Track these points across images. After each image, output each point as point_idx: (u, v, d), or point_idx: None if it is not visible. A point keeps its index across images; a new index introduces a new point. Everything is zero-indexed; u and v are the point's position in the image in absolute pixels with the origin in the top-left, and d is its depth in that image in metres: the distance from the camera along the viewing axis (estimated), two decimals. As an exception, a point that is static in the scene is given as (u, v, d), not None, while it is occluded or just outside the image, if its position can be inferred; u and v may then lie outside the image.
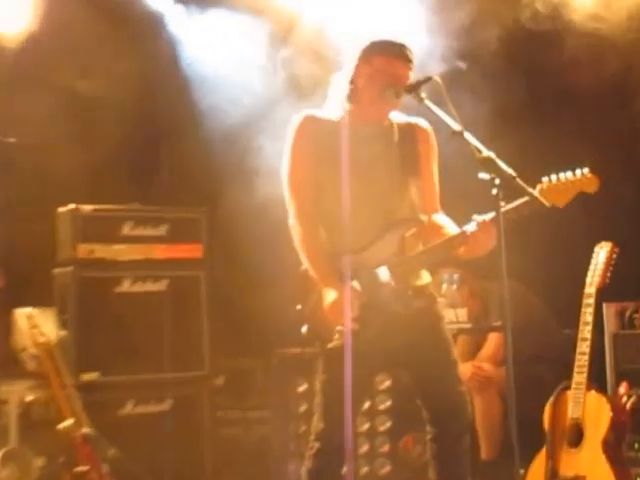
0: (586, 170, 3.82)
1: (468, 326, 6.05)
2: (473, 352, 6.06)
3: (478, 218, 3.93)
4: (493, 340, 5.95)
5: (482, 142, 3.68)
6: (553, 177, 3.84)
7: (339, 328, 4.03)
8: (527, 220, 3.89)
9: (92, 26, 6.35)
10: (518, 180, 3.61)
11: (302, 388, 6.35)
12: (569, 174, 3.83)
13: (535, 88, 5.34)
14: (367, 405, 6.11)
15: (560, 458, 4.55)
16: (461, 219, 4.13)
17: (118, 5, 6.46)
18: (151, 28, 6.68)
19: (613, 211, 4.09)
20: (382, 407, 6.28)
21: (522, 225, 3.87)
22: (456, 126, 3.76)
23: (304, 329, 4.22)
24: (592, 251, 4.62)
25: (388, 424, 6.25)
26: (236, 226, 6.36)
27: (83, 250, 6.16)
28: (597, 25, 4.93)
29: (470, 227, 3.99)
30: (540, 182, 3.81)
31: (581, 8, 5.00)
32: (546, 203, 3.78)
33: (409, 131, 4.34)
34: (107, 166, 6.42)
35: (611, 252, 4.60)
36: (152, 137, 6.60)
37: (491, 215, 3.75)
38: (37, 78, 6.24)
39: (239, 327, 6.46)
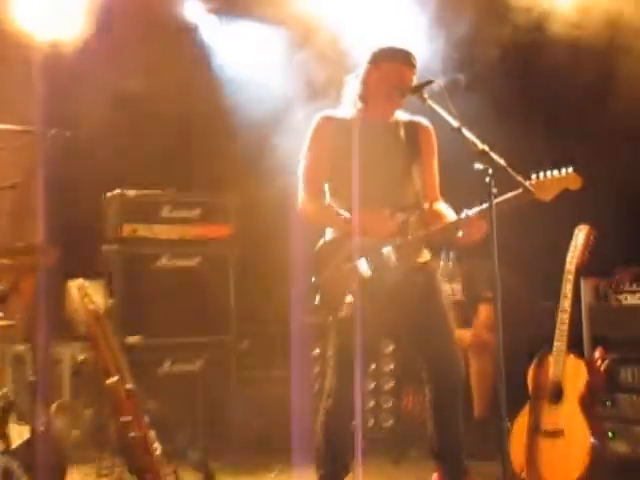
0: (570, 169, 3.87)
1: (462, 298, 6.11)
2: (467, 319, 6.09)
3: (468, 212, 3.99)
4: (483, 311, 5.99)
5: (478, 137, 3.74)
6: (541, 174, 3.89)
7: (348, 300, 4.11)
8: (515, 209, 3.95)
9: (136, 33, 6.36)
10: (509, 169, 3.67)
11: (316, 352, 6.40)
12: (555, 172, 3.88)
13: (523, 91, 5.34)
14: (373, 367, 6.19)
15: (542, 414, 4.57)
16: (458, 207, 4.19)
17: (160, 16, 6.48)
18: (187, 36, 6.70)
19: (591, 199, 4.09)
20: (386, 369, 6.32)
21: (511, 213, 3.92)
22: (455, 123, 3.80)
23: (317, 299, 4.26)
24: (572, 233, 4.66)
25: (391, 384, 6.29)
26: (259, 209, 6.39)
27: (127, 229, 6.22)
28: (577, 33, 4.93)
29: (466, 215, 4.05)
30: (529, 179, 3.85)
31: (563, 18, 5.00)
32: (536, 195, 3.85)
33: (413, 128, 4.38)
34: (148, 155, 6.43)
35: (589, 234, 4.61)
36: (187, 130, 6.60)
37: (485, 205, 3.80)
38: (90, 78, 6.25)
39: (262, 298, 6.49)
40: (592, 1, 4.96)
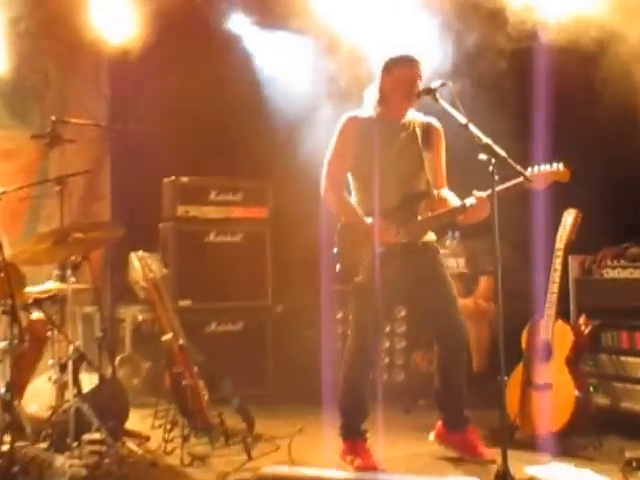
0: (561, 165, 3.91)
1: (465, 271, 6.12)
2: (469, 289, 6.09)
3: (476, 194, 4.00)
4: (483, 282, 5.99)
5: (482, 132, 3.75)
6: (536, 168, 3.92)
7: (365, 265, 4.14)
8: (513, 196, 3.95)
9: (189, 42, 6.38)
10: (509, 160, 3.68)
11: (339, 315, 6.42)
12: (547, 166, 3.91)
13: (519, 92, 5.29)
14: (387, 329, 6.20)
15: (533, 370, 4.57)
16: (462, 194, 4.22)
17: (209, 27, 6.48)
18: (232, 44, 6.70)
19: (579, 186, 4.08)
20: (399, 331, 6.32)
21: (509, 199, 3.92)
22: (463, 119, 3.81)
23: (337, 267, 4.29)
24: (562, 216, 4.64)
25: (403, 344, 6.29)
26: (291, 193, 6.38)
27: (181, 210, 6.28)
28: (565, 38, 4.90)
29: (469, 201, 4.08)
30: (525, 171, 3.85)
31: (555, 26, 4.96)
32: (532, 185, 3.90)
33: (425, 127, 4.40)
34: (199, 147, 6.45)
35: (576, 217, 4.58)
36: (231, 126, 6.60)
37: (486, 193, 3.83)
38: (149, 80, 6.26)
39: (294, 269, 6.50)
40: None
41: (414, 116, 4.39)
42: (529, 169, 3.93)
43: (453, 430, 4.37)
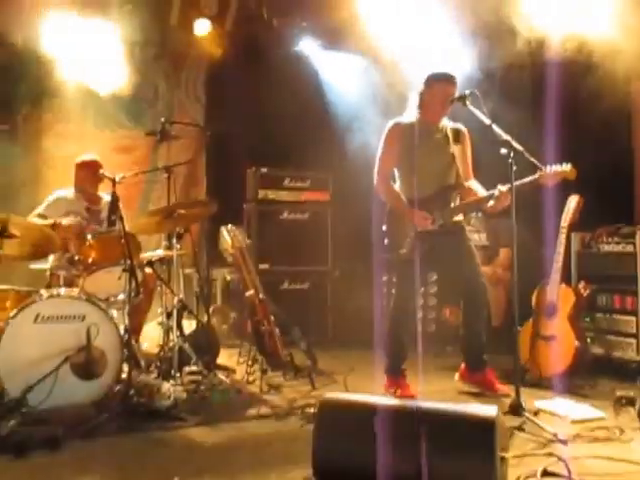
0: (569, 165, 3.84)
1: (486, 244, 6.04)
2: (490, 259, 6.01)
3: (500, 187, 3.95)
4: (502, 253, 5.91)
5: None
6: (548, 167, 3.85)
7: (408, 240, 4.13)
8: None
9: (267, 59, 6.38)
10: (526, 154, 3.63)
11: (385, 278, 6.39)
12: (557, 166, 3.84)
13: (533, 98, 5.16)
14: (422, 290, 6.16)
15: (541, 324, 4.52)
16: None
17: (284, 48, 6.50)
18: (302, 61, 6.70)
19: (581, 176, 4.00)
20: (431, 291, 6.28)
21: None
22: (487, 120, 3.76)
23: (386, 241, 4.28)
24: (566, 200, 4.56)
25: (434, 301, 6.26)
26: (348, 181, 6.36)
27: (261, 194, 6.35)
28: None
29: (495, 192, 4.02)
30: (540, 170, 3.84)
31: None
32: (545, 181, 3.86)
33: (455, 131, 4.35)
34: (275, 143, 6.45)
35: (578, 201, 4.51)
36: (302, 126, 6.57)
37: (507, 186, 3.78)
38: (237, 89, 6.27)
39: (350, 241, 6.47)
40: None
41: (446, 122, 4.35)
42: (543, 168, 3.89)
43: (474, 371, 4.33)
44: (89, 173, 4.75)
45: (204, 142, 6.45)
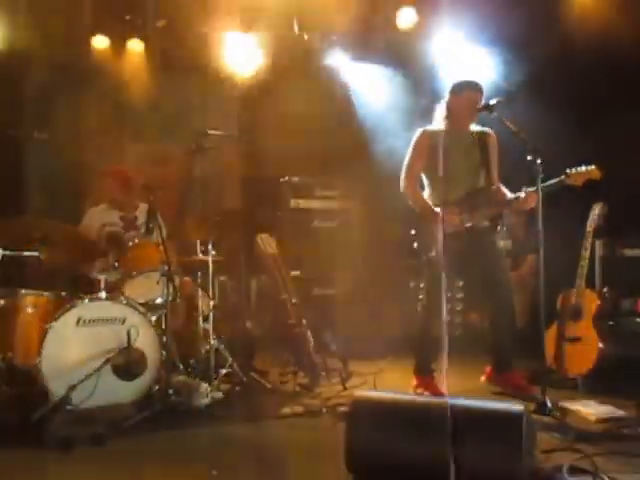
0: (593, 166, 3.88)
1: (510, 249, 6.02)
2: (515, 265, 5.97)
3: (526, 189, 3.96)
4: (529, 259, 5.87)
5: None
6: (574, 169, 3.86)
7: (437, 243, 4.09)
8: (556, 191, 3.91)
9: (299, 72, 6.42)
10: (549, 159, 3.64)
11: (412, 284, 6.38)
12: (583, 168, 3.88)
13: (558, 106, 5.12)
14: (449, 295, 6.14)
15: (566, 326, 4.49)
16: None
17: (316, 62, 6.56)
18: (333, 74, 6.74)
19: (605, 185, 4.00)
20: (458, 296, 6.25)
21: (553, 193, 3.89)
22: (514, 128, 3.77)
23: (415, 245, 4.30)
24: (591, 207, 4.55)
25: (461, 306, 6.23)
26: (375, 191, 6.36)
27: (294, 203, 6.38)
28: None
29: (521, 194, 4.03)
30: (566, 171, 3.88)
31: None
32: (571, 182, 3.89)
33: (483, 136, 4.36)
34: (306, 155, 6.48)
35: (602, 209, 4.51)
36: (332, 137, 6.61)
37: (533, 189, 3.79)
38: (267, 102, 6.33)
39: (376, 247, 6.46)
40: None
41: (474, 127, 4.35)
42: (567, 170, 3.89)
43: (500, 372, 4.32)
44: (112, 181, 4.83)
45: (238, 153, 6.52)
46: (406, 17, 5.97)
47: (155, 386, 3.90)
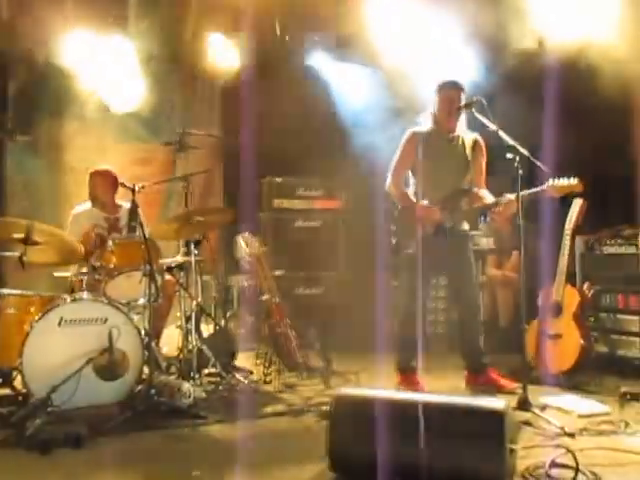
0: (576, 179, 3.89)
1: (494, 247, 6.02)
2: (498, 262, 5.97)
3: (507, 195, 3.97)
4: (514, 256, 5.87)
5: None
6: (556, 180, 3.87)
7: (415, 241, 4.14)
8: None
9: (280, 72, 6.39)
10: (531, 158, 3.62)
11: (395, 284, 6.36)
12: (565, 180, 3.87)
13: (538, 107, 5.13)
14: (433, 293, 6.12)
15: (547, 323, 4.48)
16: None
17: (295, 61, 6.53)
18: (313, 74, 6.73)
19: (586, 182, 3.99)
20: (440, 295, 6.24)
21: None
22: (493, 126, 3.76)
23: (394, 241, 4.28)
24: (571, 204, 4.54)
25: (444, 304, 6.23)
26: (358, 191, 6.36)
27: (276, 203, 6.36)
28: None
29: (501, 200, 4.05)
30: (548, 182, 3.89)
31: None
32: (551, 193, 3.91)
33: (471, 141, 4.36)
34: (288, 154, 6.44)
35: (582, 205, 4.51)
36: (313, 136, 6.59)
37: (513, 195, 3.77)
38: (249, 101, 6.28)
39: (360, 247, 6.43)
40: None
41: (463, 132, 4.35)
42: (550, 180, 3.89)
43: (477, 374, 4.32)
44: (102, 181, 4.79)
45: (221, 153, 6.47)
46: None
47: (137, 386, 3.84)
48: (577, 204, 4.52)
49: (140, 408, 3.63)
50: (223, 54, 6.36)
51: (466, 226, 4.36)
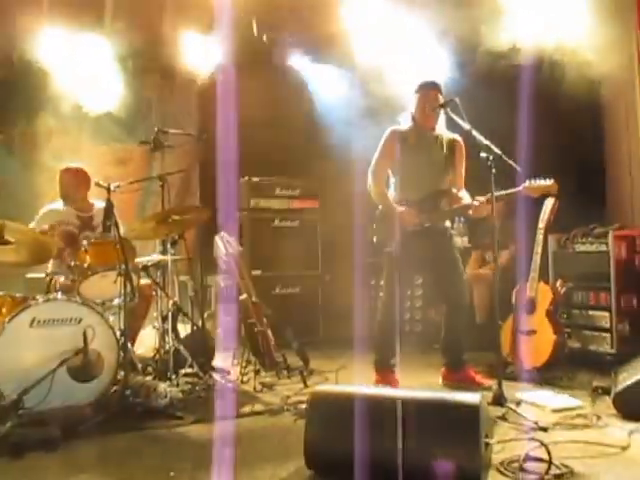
0: (552, 180, 3.91)
1: (469, 246, 6.03)
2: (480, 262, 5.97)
3: (480, 198, 4.00)
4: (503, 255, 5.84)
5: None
6: (533, 181, 3.88)
7: (396, 239, 4.12)
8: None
9: (260, 73, 6.35)
10: (504, 157, 3.62)
11: (372, 282, 6.36)
12: (541, 181, 3.88)
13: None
14: (409, 292, 6.13)
15: (521, 320, 4.49)
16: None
17: (275, 63, 6.50)
18: (292, 75, 6.70)
19: (558, 181, 4.01)
20: (417, 294, 6.25)
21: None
22: (467, 126, 3.75)
23: (374, 239, 4.26)
24: (543, 203, 4.55)
25: (420, 303, 6.22)
26: (336, 190, 6.34)
27: (253, 202, 6.29)
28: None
29: (478, 200, 4.02)
30: (524, 183, 3.91)
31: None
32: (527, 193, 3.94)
33: (450, 142, 4.34)
34: (266, 154, 6.41)
35: (554, 204, 4.51)
36: (291, 136, 6.56)
37: (488, 195, 3.78)
38: (227, 101, 6.23)
39: (338, 247, 6.42)
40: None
41: (443, 132, 4.34)
42: (527, 181, 3.89)
43: (455, 370, 4.32)
44: (73, 179, 4.70)
45: (197, 153, 6.41)
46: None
47: (112, 387, 3.78)
48: (549, 202, 4.52)
49: (115, 409, 3.56)
50: (200, 53, 6.30)
51: (447, 223, 4.35)
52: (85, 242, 4.06)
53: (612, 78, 4.87)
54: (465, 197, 4.27)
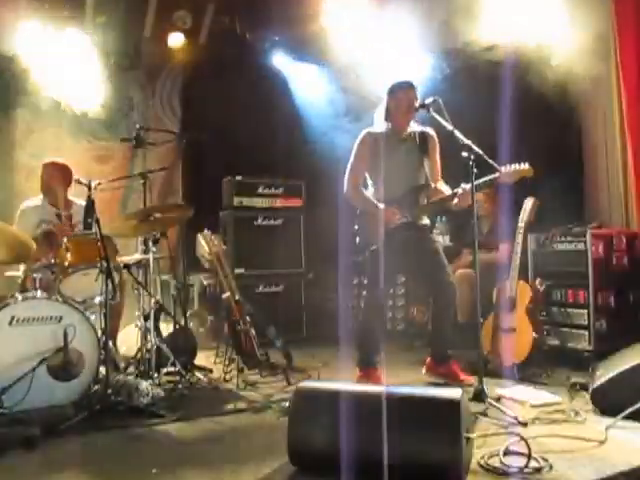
0: (527, 164, 3.86)
1: (451, 244, 6.03)
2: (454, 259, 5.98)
3: (463, 186, 3.95)
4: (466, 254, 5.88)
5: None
6: (508, 166, 3.85)
7: (378, 238, 4.10)
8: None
9: (242, 73, 6.32)
10: (485, 156, 3.62)
11: (355, 281, 6.36)
12: (516, 165, 3.84)
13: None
14: (391, 290, 6.13)
15: (501, 318, 4.50)
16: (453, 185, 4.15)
17: (257, 63, 6.48)
18: (274, 74, 6.69)
19: (537, 181, 4.02)
20: (399, 292, 6.26)
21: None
22: (449, 126, 3.75)
23: (357, 239, 4.26)
24: (523, 202, 4.57)
25: (402, 302, 6.23)
26: (319, 189, 6.33)
27: (237, 201, 6.25)
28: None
29: (458, 190, 4.01)
30: (498, 169, 3.84)
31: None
32: (503, 180, 3.88)
33: (424, 136, 4.32)
34: (249, 153, 6.40)
35: (534, 203, 4.54)
36: (274, 135, 6.57)
37: (469, 185, 3.75)
38: (211, 101, 6.21)
39: (322, 245, 6.41)
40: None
41: (414, 127, 4.32)
42: (502, 167, 3.88)
43: (439, 363, 4.30)
44: (57, 173, 4.64)
45: (180, 151, 6.38)
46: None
47: (94, 386, 3.74)
48: (529, 202, 4.55)
49: (96, 408, 3.52)
50: (183, 52, 6.27)
51: (426, 220, 4.34)
52: (65, 240, 4.00)
53: (589, 78, 4.90)
54: (443, 189, 4.26)
